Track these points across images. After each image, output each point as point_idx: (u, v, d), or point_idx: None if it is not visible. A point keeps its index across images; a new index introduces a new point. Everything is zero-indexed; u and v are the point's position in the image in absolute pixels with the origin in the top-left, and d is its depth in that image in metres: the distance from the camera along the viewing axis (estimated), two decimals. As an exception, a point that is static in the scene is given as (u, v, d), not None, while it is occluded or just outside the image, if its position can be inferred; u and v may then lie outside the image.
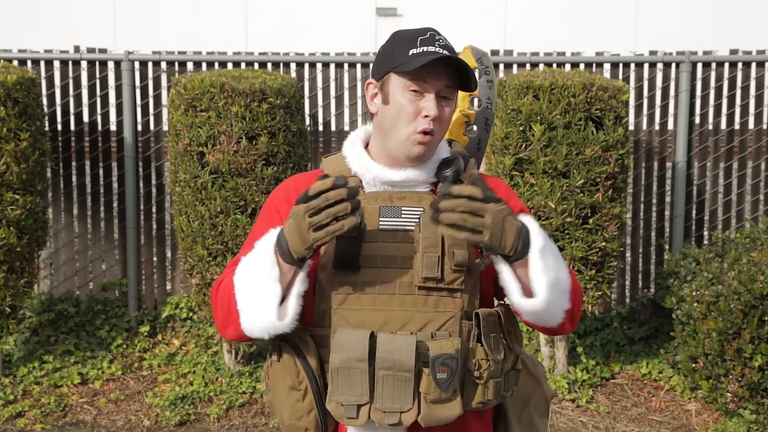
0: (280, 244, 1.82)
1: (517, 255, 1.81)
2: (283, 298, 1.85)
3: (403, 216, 1.89)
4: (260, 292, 1.84)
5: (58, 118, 5.11)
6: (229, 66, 5.12)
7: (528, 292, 1.86)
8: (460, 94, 2.22)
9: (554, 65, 5.08)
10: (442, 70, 1.89)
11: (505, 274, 1.84)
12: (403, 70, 1.87)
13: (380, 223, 1.89)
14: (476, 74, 2.22)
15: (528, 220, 1.86)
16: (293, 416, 1.93)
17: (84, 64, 5.13)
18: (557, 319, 1.89)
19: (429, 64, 1.86)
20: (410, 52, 1.88)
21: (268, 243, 1.85)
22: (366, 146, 2.00)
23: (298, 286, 1.85)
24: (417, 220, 1.88)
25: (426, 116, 1.87)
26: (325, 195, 1.75)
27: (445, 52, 1.88)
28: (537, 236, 1.84)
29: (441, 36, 1.92)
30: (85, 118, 5.16)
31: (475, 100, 2.27)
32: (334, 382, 1.85)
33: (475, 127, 2.22)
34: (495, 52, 5.18)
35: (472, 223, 1.75)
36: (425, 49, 1.87)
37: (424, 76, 1.88)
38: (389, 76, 1.91)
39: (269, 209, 2.02)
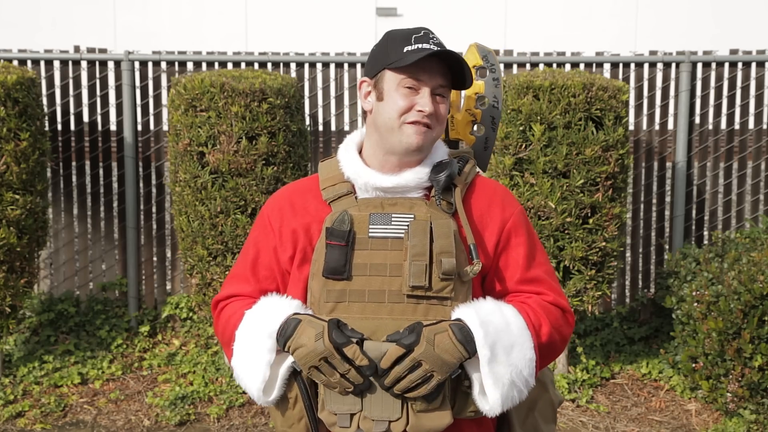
0: (283, 333, 1.84)
1: (471, 355, 1.80)
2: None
3: (393, 223, 1.88)
4: (252, 371, 1.88)
5: (58, 118, 5.11)
6: (229, 66, 5.12)
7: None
8: (466, 92, 2.21)
9: (554, 65, 5.08)
10: (436, 68, 1.89)
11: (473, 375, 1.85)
12: (398, 66, 1.88)
13: (370, 230, 1.88)
14: (481, 72, 2.22)
15: (464, 313, 1.83)
16: (285, 423, 1.94)
17: (84, 64, 5.13)
18: (531, 375, 1.87)
19: (424, 60, 1.86)
20: (405, 49, 1.88)
21: (273, 327, 1.86)
22: (360, 150, 2.00)
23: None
24: (407, 228, 1.87)
25: (420, 111, 1.87)
26: (349, 368, 1.78)
27: (439, 49, 1.88)
28: (480, 337, 1.80)
29: (434, 35, 1.93)
30: (85, 118, 5.15)
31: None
32: (326, 391, 1.86)
33: (482, 126, 2.22)
34: (495, 52, 5.17)
35: (417, 377, 1.77)
36: (420, 46, 1.88)
37: (419, 73, 1.88)
38: (383, 73, 1.91)
39: (263, 222, 2.02)
